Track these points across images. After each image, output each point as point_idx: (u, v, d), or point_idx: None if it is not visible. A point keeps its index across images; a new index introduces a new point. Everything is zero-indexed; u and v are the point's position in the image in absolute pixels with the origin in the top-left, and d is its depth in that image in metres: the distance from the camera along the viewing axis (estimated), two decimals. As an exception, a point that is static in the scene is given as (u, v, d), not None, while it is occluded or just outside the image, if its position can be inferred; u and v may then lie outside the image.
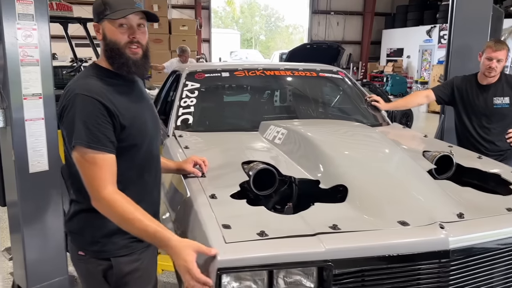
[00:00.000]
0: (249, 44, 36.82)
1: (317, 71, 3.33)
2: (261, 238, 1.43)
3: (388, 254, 1.47)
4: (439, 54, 15.52)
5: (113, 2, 1.47)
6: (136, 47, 1.48)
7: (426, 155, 2.30)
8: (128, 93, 1.53)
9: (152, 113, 1.66)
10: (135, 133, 1.50)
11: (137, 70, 1.51)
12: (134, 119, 1.50)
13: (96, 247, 1.52)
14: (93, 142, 1.39)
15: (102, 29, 1.50)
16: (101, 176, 1.39)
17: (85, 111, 1.40)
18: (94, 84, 1.46)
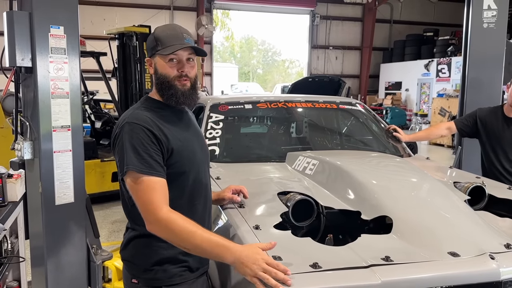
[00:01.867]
0: (246, 77, 37.42)
1: (337, 103, 3.39)
2: (315, 270, 1.42)
3: (442, 286, 1.45)
4: (438, 87, 15.82)
5: (164, 38, 1.53)
6: (185, 80, 1.55)
7: (457, 186, 2.30)
8: (176, 122, 1.58)
9: (201, 142, 1.69)
10: (183, 161, 1.53)
11: (185, 101, 1.56)
12: (182, 147, 1.53)
13: (149, 275, 1.52)
14: (144, 167, 1.42)
15: (154, 63, 1.57)
16: (155, 199, 1.41)
17: (134, 138, 1.44)
18: (142, 113, 1.52)
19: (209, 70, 17.33)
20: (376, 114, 3.56)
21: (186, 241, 1.39)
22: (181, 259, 1.53)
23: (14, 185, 2.43)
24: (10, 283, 2.36)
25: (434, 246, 1.61)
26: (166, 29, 1.58)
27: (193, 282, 1.56)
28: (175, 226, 1.38)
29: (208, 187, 1.70)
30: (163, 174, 1.46)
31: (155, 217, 1.39)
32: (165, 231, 1.40)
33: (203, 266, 1.63)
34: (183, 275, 1.52)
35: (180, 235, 1.39)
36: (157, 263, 1.50)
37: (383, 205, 1.86)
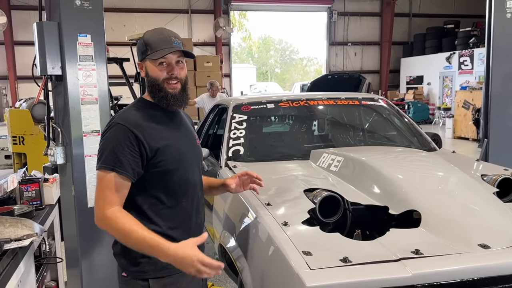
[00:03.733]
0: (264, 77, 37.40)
1: (359, 100, 3.38)
2: (345, 264, 1.44)
3: (473, 278, 1.46)
4: (460, 80, 15.50)
5: (153, 43, 1.59)
6: (175, 82, 1.60)
7: (485, 178, 2.28)
8: (165, 123, 1.64)
9: (191, 142, 1.73)
10: (169, 160, 1.58)
11: (175, 103, 1.62)
12: (167, 146, 1.59)
13: (136, 268, 1.58)
14: (117, 166, 1.50)
15: (145, 67, 1.63)
16: (108, 197, 1.49)
17: (116, 138, 1.52)
18: (132, 114, 1.60)
19: (228, 72, 17.42)
20: (399, 109, 3.53)
21: (123, 240, 1.49)
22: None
23: (50, 189, 2.53)
24: (48, 283, 2.46)
25: (464, 239, 1.61)
26: (155, 33, 1.63)
27: (181, 275, 1.58)
28: (115, 225, 1.46)
29: (196, 185, 1.72)
30: (131, 176, 1.51)
31: (102, 213, 1.48)
32: (106, 228, 1.49)
33: None
34: (169, 268, 1.54)
35: (118, 234, 1.48)
36: (144, 256, 1.54)
37: (411, 199, 1.87)
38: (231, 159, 2.78)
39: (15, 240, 1.69)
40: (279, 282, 1.54)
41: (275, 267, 1.60)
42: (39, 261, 2.17)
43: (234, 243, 2.06)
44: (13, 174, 2.66)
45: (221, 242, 2.27)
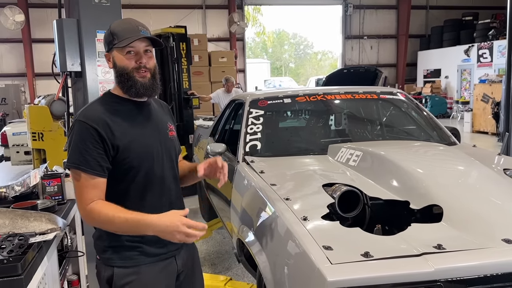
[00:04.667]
0: (279, 72, 37.29)
1: (378, 93, 3.34)
2: (366, 259, 1.43)
3: (496, 273, 1.43)
4: (479, 73, 15.19)
5: (119, 32, 1.56)
6: (144, 71, 1.57)
7: (508, 172, 2.23)
8: (132, 117, 1.60)
9: (162, 136, 1.68)
10: (133, 156, 1.57)
11: (146, 92, 1.59)
12: (131, 143, 1.56)
13: (105, 255, 1.63)
14: (82, 164, 1.50)
15: (112, 57, 1.59)
16: (87, 196, 1.51)
17: (79, 136, 1.52)
18: (95, 109, 1.57)
19: (242, 67, 17.41)
20: (418, 103, 3.48)
21: (109, 227, 1.52)
22: (134, 245, 1.59)
23: (71, 184, 2.56)
24: (70, 277, 2.50)
25: (487, 233, 1.58)
26: (121, 23, 1.60)
27: (148, 266, 1.61)
28: (97, 217, 1.50)
29: (166, 179, 1.69)
30: (101, 173, 1.53)
31: (83, 211, 1.53)
32: (92, 222, 1.53)
33: (166, 252, 1.65)
34: (136, 259, 1.59)
35: (103, 224, 1.53)
36: (112, 245, 1.60)
37: (432, 193, 1.85)
38: (248, 154, 2.78)
39: (40, 234, 1.72)
40: (299, 276, 1.54)
41: (295, 261, 1.60)
42: (62, 255, 2.21)
43: (252, 237, 2.07)
44: (35, 169, 2.71)
45: (239, 236, 2.28)
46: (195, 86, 9.63)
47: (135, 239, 1.58)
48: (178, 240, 1.44)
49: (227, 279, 2.85)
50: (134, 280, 1.60)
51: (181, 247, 1.71)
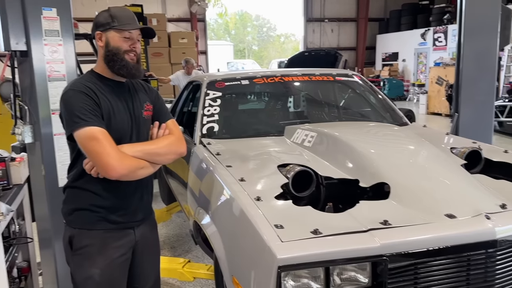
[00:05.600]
0: (242, 55, 37.04)
1: (334, 75, 3.39)
2: (316, 236, 1.46)
3: (439, 247, 1.50)
4: (435, 56, 15.72)
5: (121, 17, 1.73)
6: (133, 55, 1.73)
7: (454, 151, 2.34)
8: (113, 94, 1.74)
9: (137, 115, 1.79)
10: (109, 129, 1.66)
11: (136, 72, 1.75)
12: (109, 115, 1.69)
13: (70, 217, 1.75)
14: (93, 121, 1.60)
15: (106, 37, 1.72)
16: (112, 148, 1.59)
17: (78, 100, 1.62)
18: (81, 82, 1.70)
19: (204, 49, 17.15)
20: (372, 85, 3.56)
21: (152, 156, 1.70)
22: (97, 210, 1.71)
23: (18, 168, 2.46)
24: (20, 264, 2.42)
25: (431, 209, 1.65)
26: (121, 10, 1.77)
27: (107, 232, 1.72)
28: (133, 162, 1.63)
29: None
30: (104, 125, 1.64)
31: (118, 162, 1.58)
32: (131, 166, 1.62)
33: (126, 221, 1.76)
34: (97, 224, 1.71)
35: (144, 155, 1.67)
36: (77, 208, 1.72)
37: (381, 172, 1.90)
38: (205, 136, 2.76)
39: (-19, 220, 1.65)
40: (251, 256, 1.56)
41: (248, 241, 1.61)
42: (8, 241, 2.13)
43: (208, 219, 2.07)
44: (-22, 154, 2.58)
45: (195, 219, 2.27)
46: (155, 67, 9.41)
47: (99, 204, 1.70)
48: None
49: (185, 261, 2.85)
50: (93, 243, 1.70)
51: (141, 220, 1.83)
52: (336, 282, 1.48)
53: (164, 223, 4.37)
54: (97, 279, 1.70)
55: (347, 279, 1.49)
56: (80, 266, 1.71)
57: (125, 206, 1.75)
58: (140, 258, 1.85)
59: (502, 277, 1.61)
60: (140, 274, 1.87)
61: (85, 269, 1.70)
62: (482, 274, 1.58)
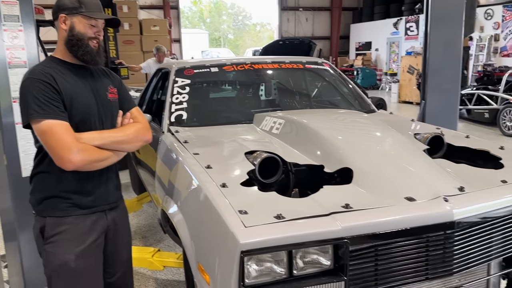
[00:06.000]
0: (217, 43, 36.71)
1: (303, 63, 3.40)
2: (279, 220, 1.48)
3: (399, 228, 1.55)
4: (406, 45, 15.98)
5: (89, 4, 1.73)
6: (96, 42, 1.76)
7: (417, 137, 2.40)
8: (73, 78, 1.73)
9: (102, 98, 1.80)
10: (75, 113, 1.68)
11: (99, 59, 1.78)
12: (73, 100, 1.68)
13: (39, 206, 1.74)
14: (48, 113, 1.58)
15: (72, 21, 1.71)
16: (70, 139, 1.59)
17: (35, 90, 1.60)
18: (40, 69, 1.68)
19: (177, 37, 16.91)
20: (342, 72, 3.59)
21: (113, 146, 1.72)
22: (67, 196, 1.71)
23: (-23, 159, 2.38)
24: (-18, 257, 2.36)
25: (391, 193, 1.69)
26: None
27: (79, 217, 1.73)
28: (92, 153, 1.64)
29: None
30: (66, 118, 1.63)
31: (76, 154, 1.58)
32: (90, 156, 1.63)
33: (97, 205, 1.78)
34: (68, 210, 1.71)
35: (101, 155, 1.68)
36: (46, 196, 1.71)
37: (346, 158, 1.93)
38: (173, 124, 2.74)
39: None
40: (216, 242, 1.56)
41: (213, 227, 1.62)
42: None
43: (174, 207, 2.06)
44: None
45: (163, 207, 2.26)
46: (126, 55, 9.21)
47: (67, 189, 1.70)
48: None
49: (155, 250, 2.83)
50: (66, 230, 1.70)
51: (112, 204, 1.86)
52: (299, 265, 1.50)
53: (135, 213, 4.33)
54: (72, 265, 1.69)
55: (310, 262, 1.52)
56: (54, 255, 1.70)
57: (93, 190, 1.76)
58: (112, 242, 1.87)
59: (460, 257, 1.67)
60: (113, 258, 1.89)
61: (59, 257, 1.69)
62: (441, 254, 1.63)
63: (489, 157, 2.23)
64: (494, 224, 1.73)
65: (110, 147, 1.71)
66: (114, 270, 1.92)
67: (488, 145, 2.34)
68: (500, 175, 1.94)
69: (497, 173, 1.98)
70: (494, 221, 1.73)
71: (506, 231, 1.78)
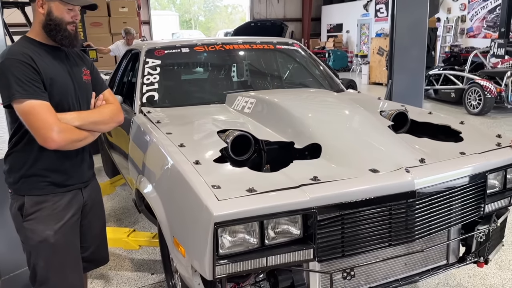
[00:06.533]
0: (188, 26, 36.10)
1: (274, 44, 3.44)
2: (250, 193, 1.54)
3: (364, 198, 1.64)
4: (376, 27, 16.19)
5: None
6: (73, 26, 1.78)
7: (383, 113, 2.50)
8: (50, 59, 1.74)
9: (77, 79, 1.83)
10: (55, 93, 1.71)
11: (76, 43, 1.81)
12: (52, 80, 1.70)
13: (17, 185, 1.77)
14: (30, 94, 1.61)
15: (49, 6, 1.72)
16: (52, 118, 1.62)
17: (14, 70, 1.61)
18: (17, 49, 1.68)
19: (147, 19, 16.55)
20: (312, 53, 3.65)
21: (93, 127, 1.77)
22: (44, 174, 1.75)
23: None
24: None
25: (357, 165, 1.78)
26: None
27: (56, 195, 1.78)
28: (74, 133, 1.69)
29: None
30: (47, 98, 1.65)
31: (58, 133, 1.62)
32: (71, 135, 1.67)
33: (73, 183, 1.84)
34: (45, 188, 1.76)
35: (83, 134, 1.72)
36: (24, 175, 1.75)
37: (313, 133, 2.01)
38: (145, 105, 2.74)
39: None
40: (190, 215, 1.61)
41: (187, 202, 1.67)
42: None
43: (149, 186, 2.09)
44: None
45: (137, 187, 2.29)
46: (94, 38, 8.99)
47: (48, 168, 1.74)
48: None
49: (130, 230, 2.86)
50: (44, 207, 1.75)
51: (87, 182, 1.92)
52: (270, 235, 1.58)
53: (109, 197, 4.32)
54: (52, 240, 1.75)
55: (281, 232, 1.60)
56: (33, 231, 1.74)
57: (70, 169, 1.81)
58: (87, 218, 1.95)
59: (421, 224, 1.78)
60: (88, 234, 1.96)
61: (39, 233, 1.74)
62: (403, 222, 1.74)
63: (450, 132, 2.36)
64: (453, 193, 1.86)
65: (88, 128, 1.75)
66: (89, 244, 1.99)
67: (449, 121, 2.46)
68: (459, 147, 2.06)
69: (457, 146, 2.10)
70: (452, 190, 1.85)
71: (464, 199, 1.90)
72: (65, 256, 1.80)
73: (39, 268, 1.79)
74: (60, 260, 1.79)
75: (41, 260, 1.77)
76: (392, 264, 1.94)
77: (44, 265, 1.78)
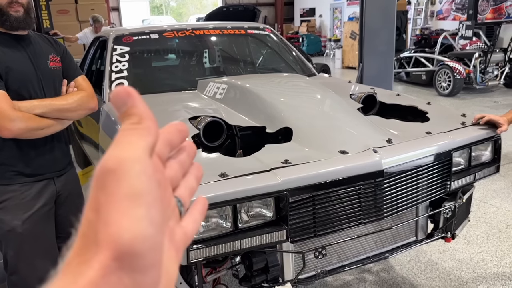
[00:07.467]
0: (159, 11, 35.33)
1: (245, 29, 3.42)
2: (223, 178, 1.55)
3: (333, 179, 1.68)
4: (349, 11, 16.27)
5: None
6: (17, 6, 1.69)
7: (352, 97, 2.54)
8: (9, 46, 1.71)
9: (41, 66, 1.78)
10: (11, 80, 1.67)
11: (20, 25, 1.71)
12: (8, 69, 1.67)
13: None
14: None
15: None
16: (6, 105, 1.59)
17: None
18: None
19: (116, 5, 16.13)
20: (284, 38, 3.66)
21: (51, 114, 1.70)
22: (9, 163, 1.73)
23: None
24: None
25: (327, 148, 1.82)
26: None
27: (25, 185, 1.77)
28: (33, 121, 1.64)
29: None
30: (2, 87, 1.62)
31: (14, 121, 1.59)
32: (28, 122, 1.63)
33: (43, 173, 1.82)
34: (13, 178, 1.74)
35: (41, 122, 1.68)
36: None
37: (284, 118, 2.03)
38: (115, 93, 2.69)
39: None
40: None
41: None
42: None
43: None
44: None
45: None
46: (61, 26, 8.71)
47: (13, 157, 1.71)
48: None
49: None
50: (12, 197, 1.73)
51: (61, 171, 1.89)
52: (244, 219, 1.60)
53: (83, 187, 4.25)
54: (19, 230, 1.74)
55: (254, 215, 1.62)
56: (1, 221, 1.74)
57: (37, 158, 1.78)
58: (62, 208, 1.93)
59: (389, 202, 1.84)
60: (63, 223, 1.95)
61: (7, 223, 1.74)
62: (372, 201, 1.79)
63: (417, 113, 2.42)
64: (420, 171, 1.92)
65: (53, 115, 1.71)
66: (67, 234, 1.95)
67: (416, 102, 2.53)
68: (426, 127, 2.12)
69: (423, 126, 2.16)
70: (419, 169, 1.91)
71: (431, 177, 1.97)
72: (35, 246, 1.79)
73: (9, 257, 1.79)
74: (30, 249, 1.78)
75: (10, 249, 1.77)
76: (363, 242, 2.00)
77: (13, 254, 1.77)
